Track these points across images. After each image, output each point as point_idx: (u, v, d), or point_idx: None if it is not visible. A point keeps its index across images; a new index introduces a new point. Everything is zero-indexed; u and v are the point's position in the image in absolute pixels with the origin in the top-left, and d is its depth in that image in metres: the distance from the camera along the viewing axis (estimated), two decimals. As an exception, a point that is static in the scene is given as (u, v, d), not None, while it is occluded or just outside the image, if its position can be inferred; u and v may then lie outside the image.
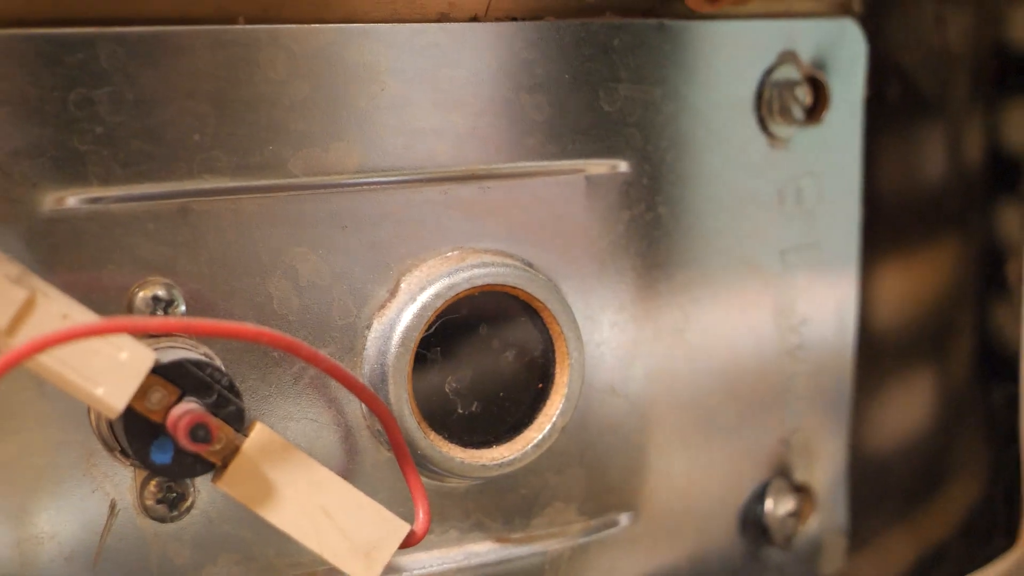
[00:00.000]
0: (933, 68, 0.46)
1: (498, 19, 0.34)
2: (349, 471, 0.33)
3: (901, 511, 0.48)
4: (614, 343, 0.37)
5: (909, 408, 0.49)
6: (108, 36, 0.30)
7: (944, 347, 0.49)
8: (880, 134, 0.44)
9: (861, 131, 0.41)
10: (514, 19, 0.34)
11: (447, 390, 0.34)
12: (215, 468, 0.30)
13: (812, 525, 0.42)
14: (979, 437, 0.49)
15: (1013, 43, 0.47)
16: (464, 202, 0.34)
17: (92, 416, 0.31)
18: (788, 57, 0.39)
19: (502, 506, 0.36)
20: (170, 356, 0.29)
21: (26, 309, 0.28)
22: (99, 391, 0.28)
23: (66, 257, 0.30)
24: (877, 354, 0.46)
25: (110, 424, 0.30)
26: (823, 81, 0.39)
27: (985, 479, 0.49)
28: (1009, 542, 0.45)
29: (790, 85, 0.39)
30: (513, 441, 0.35)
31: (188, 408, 0.29)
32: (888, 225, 0.46)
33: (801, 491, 0.41)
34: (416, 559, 0.35)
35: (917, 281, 0.49)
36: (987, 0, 0.47)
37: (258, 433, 0.30)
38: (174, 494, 0.32)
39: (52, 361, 0.28)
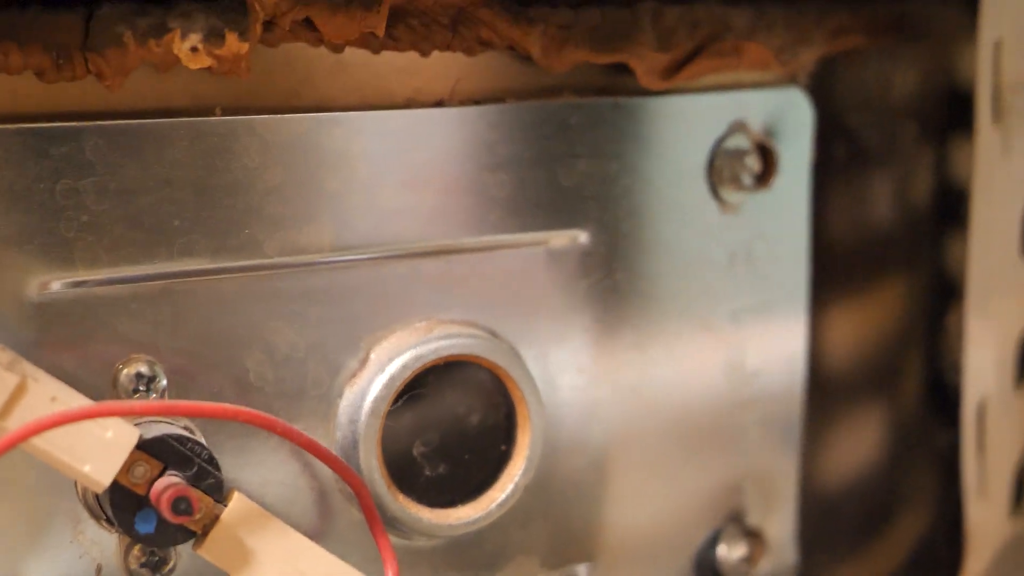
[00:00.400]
0: (879, 123, 0.49)
1: (462, 103, 0.37)
2: (322, 532, 0.35)
3: (851, 547, 0.50)
4: (573, 403, 0.39)
5: (859, 447, 0.51)
6: (92, 129, 0.32)
7: (894, 385, 0.51)
8: (829, 188, 0.46)
9: (808, 194, 0.43)
10: (477, 102, 0.37)
11: (415, 453, 0.36)
12: (196, 536, 0.32)
13: (764, 567, 0.44)
14: (927, 472, 0.51)
15: (959, 84, 0.49)
16: (431, 276, 0.36)
17: (79, 487, 0.33)
18: (738, 127, 0.41)
19: (468, 561, 0.38)
20: (153, 432, 0.31)
21: (18, 393, 0.30)
22: (86, 468, 0.30)
23: (53, 338, 0.32)
24: (828, 396, 0.48)
25: (96, 496, 0.32)
26: (772, 149, 0.41)
27: (932, 514, 0.51)
28: (952, 573, 0.48)
29: (740, 154, 0.41)
30: (478, 501, 0.37)
31: (170, 482, 0.31)
32: (839, 270, 0.48)
33: (753, 536, 0.43)
34: (386, 615, 0.37)
35: (867, 322, 0.51)
36: (933, 49, 0.49)
37: (236, 502, 0.32)
38: (156, 558, 0.34)
39: (42, 442, 0.30)
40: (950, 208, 0.49)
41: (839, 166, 0.47)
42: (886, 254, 0.50)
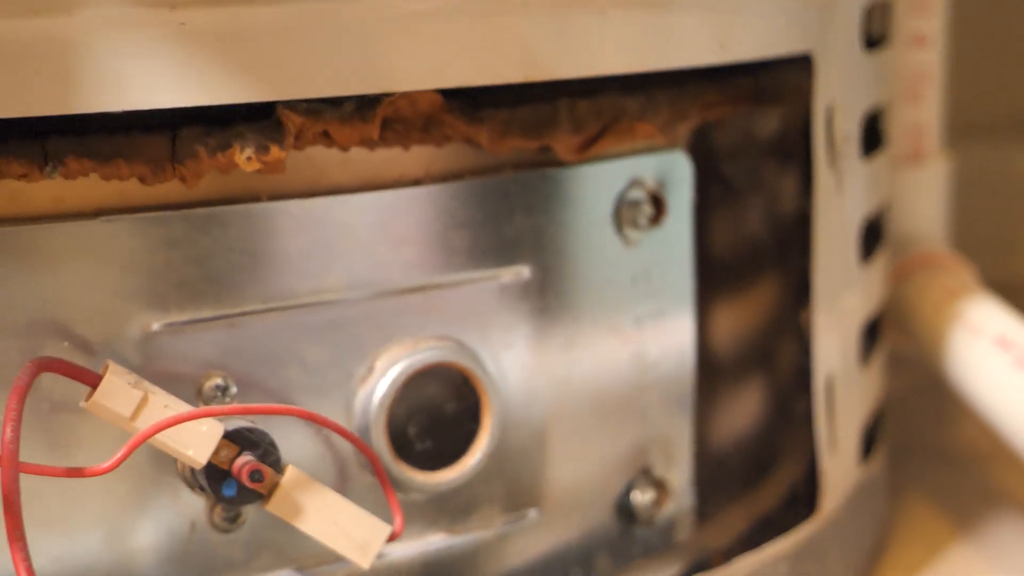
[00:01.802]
0: (747, 167, 0.57)
1: (434, 181, 0.45)
2: (345, 491, 0.44)
3: (738, 492, 0.57)
4: (520, 392, 0.48)
5: (743, 415, 0.58)
6: (178, 216, 0.42)
7: (770, 365, 0.58)
8: (711, 219, 0.55)
9: (691, 229, 0.51)
10: (444, 181, 0.45)
11: (410, 433, 0.46)
12: (263, 497, 0.42)
13: (668, 508, 0.52)
14: (797, 433, 0.57)
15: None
16: (415, 306, 0.46)
17: (179, 466, 0.44)
18: (635, 183, 0.49)
19: (448, 509, 0.47)
20: (232, 425, 0.43)
21: (142, 403, 0.41)
22: (190, 452, 0.42)
23: (154, 363, 0.43)
24: (718, 376, 0.55)
25: (192, 471, 0.44)
26: (662, 197, 0.50)
27: (800, 465, 0.57)
28: (811, 511, 0.57)
29: (637, 203, 0.49)
30: (455, 466, 0.46)
31: (246, 460, 0.43)
32: (723, 278, 0.56)
33: (659, 484, 0.52)
34: (393, 548, 0.46)
35: (747, 316, 0.58)
36: (786, 108, 0.56)
37: (290, 472, 0.42)
38: (234, 514, 0.44)
39: (160, 436, 0.42)
40: (812, 223, 0.55)
41: (718, 202, 0.55)
42: (760, 263, 0.57)
